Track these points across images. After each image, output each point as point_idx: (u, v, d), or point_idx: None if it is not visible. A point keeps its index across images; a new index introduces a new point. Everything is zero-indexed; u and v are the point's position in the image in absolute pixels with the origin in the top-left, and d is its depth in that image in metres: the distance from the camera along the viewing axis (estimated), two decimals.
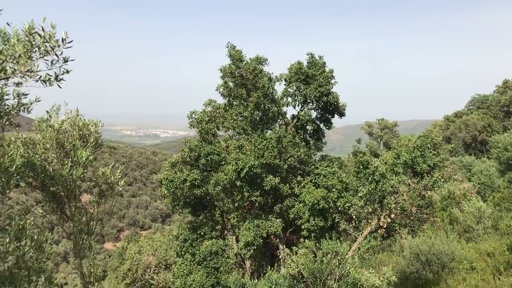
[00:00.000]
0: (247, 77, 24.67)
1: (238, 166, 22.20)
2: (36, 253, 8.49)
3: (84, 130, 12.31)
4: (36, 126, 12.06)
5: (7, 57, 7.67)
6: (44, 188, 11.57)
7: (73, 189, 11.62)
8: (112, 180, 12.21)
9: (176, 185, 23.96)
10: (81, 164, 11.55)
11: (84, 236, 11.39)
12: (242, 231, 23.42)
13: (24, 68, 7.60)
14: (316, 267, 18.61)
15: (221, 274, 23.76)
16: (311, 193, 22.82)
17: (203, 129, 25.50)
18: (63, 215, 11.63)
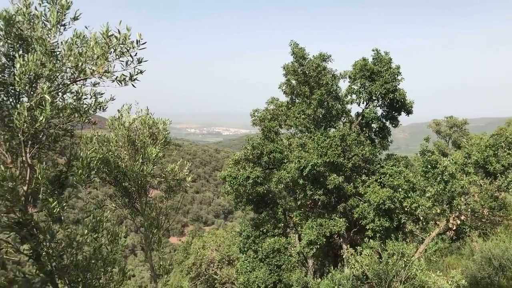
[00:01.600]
0: (310, 75, 24.49)
1: (301, 164, 22.12)
2: (111, 245, 8.93)
3: (153, 128, 12.81)
4: (109, 124, 12.69)
5: (86, 59, 8.13)
6: (117, 183, 12.17)
7: (144, 185, 12.13)
8: (180, 177, 12.62)
9: (239, 182, 24.28)
10: (151, 160, 12.03)
11: (153, 230, 11.86)
12: (305, 229, 23.33)
13: (102, 69, 8.02)
14: (381, 268, 18.18)
15: (283, 272, 23.83)
16: (376, 192, 22.29)
17: (265, 127, 25.63)
18: (134, 209, 12.17)
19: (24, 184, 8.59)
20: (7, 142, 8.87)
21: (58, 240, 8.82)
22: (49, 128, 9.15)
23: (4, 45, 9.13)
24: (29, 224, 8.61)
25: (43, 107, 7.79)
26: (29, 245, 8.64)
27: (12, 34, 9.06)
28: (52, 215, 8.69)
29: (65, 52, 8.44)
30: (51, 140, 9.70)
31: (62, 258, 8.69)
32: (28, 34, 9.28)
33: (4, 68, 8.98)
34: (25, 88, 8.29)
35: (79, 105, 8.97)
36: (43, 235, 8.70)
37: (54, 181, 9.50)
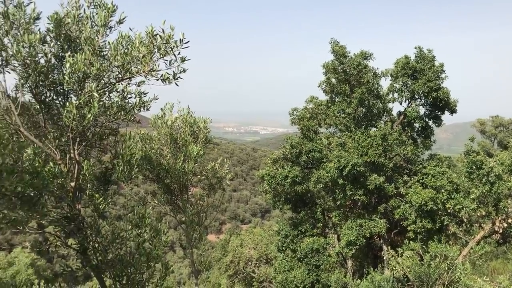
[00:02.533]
0: (351, 73, 24.17)
1: (341, 163, 21.86)
2: (154, 240, 9.11)
3: (194, 127, 12.98)
4: (152, 123, 12.96)
5: (132, 59, 8.32)
6: (159, 180, 12.41)
7: (185, 182, 12.32)
8: (221, 174, 12.74)
9: (277, 181, 24.24)
10: (192, 158, 12.19)
11: (194, 227, 12.03)
12: (344, 230, 23.06)
13: (147, 68, 8.19)
14: (423, 270, 17.74)
15: (322, 272, 23.64)
16: (418, 193, 21.76)
17: (304, 126, 25.48)
18: (175, 206, 12.38)
19: (72, 180, 8.89)
20: (56, 139, 9.21)
21: (103, 235, 9.08)
22: (95, 126, 9.43)
23: (54, 46, 9.48)
24: (77, 219, 8.90)
25: (91, 105, 8.03)
26: (76, 239, 8.93)
27: (61, 36, 9.39)
28: (98, 210, 8.95)
29: (112, 52, 8.66)
30: (97, 137, 9.99)
31: (107, 252, 8.94)
32: (76, 35, 9.60)
33: (54, 68, 9.32)
34: (73, 87, 8.57)
35: (124, 104, 9.20)
36: (90, 230, 8.97)
37: (99, 177, 9.79)
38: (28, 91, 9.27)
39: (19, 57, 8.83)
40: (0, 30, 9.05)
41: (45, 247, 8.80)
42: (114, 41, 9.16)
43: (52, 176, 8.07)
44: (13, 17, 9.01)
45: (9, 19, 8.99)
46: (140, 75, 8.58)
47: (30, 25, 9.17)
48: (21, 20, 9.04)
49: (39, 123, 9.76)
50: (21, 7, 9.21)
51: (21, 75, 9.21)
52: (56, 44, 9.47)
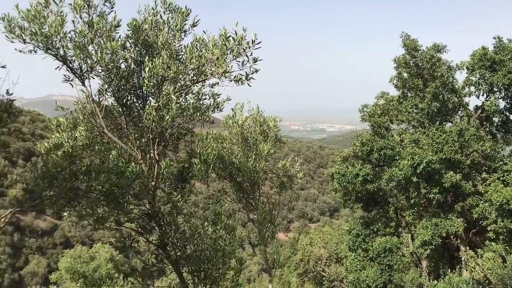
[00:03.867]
0: (424, 67, 23.32)
1: (414, 161, 21.16)
2: (229, 237, 9.34)
3: (264, 126, 13.14)
4: (223, 123, 13.29)
5: (206, 61, 8.59)
6: (231, 178, 12.70)
7: (256, 180, 12.51)
8: (292, 173, 12.80)
9: (347, 180, 23.91)
10: (263, 157, 12.36)
11: (267, 225, 12.19)
12: (419, 229, 22.31)
13: (221, 70, 8.41)
14: (507, 273, 16.76)
15: (395, 272, 23.01)
16: (499, 191, 20.56)
17: (375, 123, 24.92)
18: (247, 204, 12.61)
19: (152, 179, 9.33)
20: (137, 140, 9.70)
21: (181, 231, 9.44)
22: (173, 127, 9.82)
23: (133, 51, 9.99)
24: (157, 216, 9.33)
25: (169, 107, 8.38)
26: (157, 235, 9.37)
27: (140, 41, 9.88)
28: (176, 208, 9.33)
29: (187, 55, 8.98)
30: (174, 138, 10.41)
31: (186, 248, 9.29)
32: (154, 40, 10.06)
33: (133, 72, 9.83)
34: (152, 90, 8.99)
35: (199, 105, 9.51)
36: (169, 226, 9.37)
37: (177, 176, 10.19)
38: (111, 95, 9.85)
39: (103, 63, 9.40)
40: (85, 38, 9.68)
41: (129, 243, 9.31)
42: (189, 44, 9.50)
43: (134, 175, 8.52)
44: (97, 25, 9.61)
45: (93, 27, 9.60)
46: (214, 77, 8.83)
47: (112, 32, 9.73)
48: (103, 28, 9.62)
49: (121, 125, 10.33)
50: (103, 16, 9.80)
51: (104, 80, 9.81)
52: (135, 49, 9.97)
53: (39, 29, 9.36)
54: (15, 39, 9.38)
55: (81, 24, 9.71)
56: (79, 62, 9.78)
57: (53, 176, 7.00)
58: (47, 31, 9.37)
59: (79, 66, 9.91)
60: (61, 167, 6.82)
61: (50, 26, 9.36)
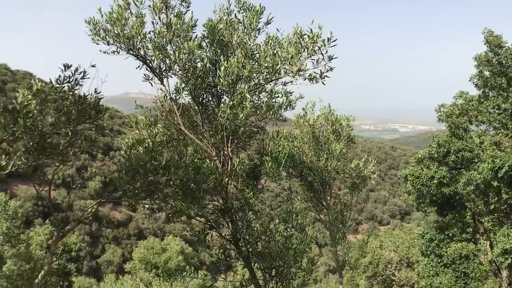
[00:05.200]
0: (508, 65, 21.86)
1: (495, 164, 19.91)
2: (300, 235, 9.33)
3: (336, 125, 12.97)
4: (294, 121, 13.28)
5: (281, 59, 8.62)
6: (302, 177, 12.67)
7: (328, 180, 12.38)
8: (365, 174, 12.54)
9: (422, 182, 22.97)
10: (335, 156, 12.21)
11: (338, 225, 12.04)
12: (499, 236, 20.97)
13: (295, 68, 8.41)
14: None
15: (471, 281, 21.83)
16: None
17: (453, 123, 23.71)
18: (319, 203, 12.51)
19: (226, 175, 9.53)
20: (212, 137, 9.96)
21: (253, 227, 9.57)
22: (246, 125, 9.97)
23: (209, 50, 10.25)
24: (229, 211, 9.52)
25: (243, 105, 8.50)
26: (230, 230, 9.56)
27: (215, 41, 10.12)
28: (248, 204, 9.46)
29: (262, 53, 9.06)
30: (246, 136, 10.56)
31: (257, 244, 9.40)
32: (228, 40, 10.25)
33: (209, 71, 10.09)
34: (227, 88, 9.17)
35: (272, 103, 9.57)
36: (241, 222, 9.53)
37: (249, 173, 10.33)
38: (187, 94, 10.18)
39: (180, 62, 9.73)
40: (164, 39, 10.08)
41: (203, 236, 9.58)
42: (262, 42, 9.58)
43: (209, 171, 8.76)
44: (175, 26, 9.97)
45: (171, 28, 9.96)
46: (288, 75, 8.84)
47: (188, 33, 10.05)
48: (180, 28, 9.96)
49: (196, 122, 10.66)
50: (180, 17, 10.13)
51: (181, 79, 10.16)
52: (210, 49, 10.22)
53: (121, 31, 9.86)
54: (100, 41, 9.96)
55: (160, 25, 10.13)
56: (158, 61, 10.21)
57: (136, 170, 7.36)
58: (128, 33, 9.85)
59: (157, 65, 10.34)
60: (143, 162, 7.15)
61: (132, 27, 9.83)
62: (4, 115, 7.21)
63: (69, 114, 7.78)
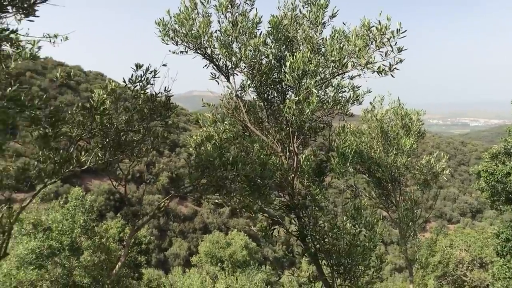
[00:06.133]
0: None
1: None
2: (369, 232, 9.14)
3: (406, 119, 12.55)
4: (362, 116, 13.00)
5: (348, 53, 8.47)
6: (370, 174, 12.38)
7: (397, 176, 12.02)
8: (437, 170, 12.05)
9: (497, 179, 21.73)
10: (405, 152, 11.82)
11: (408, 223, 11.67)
12: None
13: (363, 61, 8.23)
14: None
15: None
16: None
17: None
18: (388, 200, 12.19)
19: (291, 171, 9.52)
20: (277, 133, 9.98)
21: (320, 224, 9.49)
22: (312, 121, 9.89)
23: (274, 47, 10.27)
24: (296, 207, 9.51)
25: (310, 100, 8.44)
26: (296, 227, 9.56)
27: (280, 37, 10.11)
28: (315, 201, 9.39)
29: (328, 48, 8.95)
30: (312, 131, 10.49)
31: (324, 241, 9.32)
32: (293, 35, 10.21)
33: (274, 67, 10.11)
34: (292, 84, 9.13)
35: (339, 98, 9.43)
36: (308, 219, 9.49)
37: (315, 169, 10.25)
38: (253, 90, 10.27)
39: (246, 60, 9.83)
40: (230, 37, 10.22)
41: (270, 232, 9.64)
42: (328, 36, 9.46)
43: (275, 167, 8.79)
44: (240, 24, 10.08)
45: (236, 26, 10.08)
46: (355, 69, 8.67)
47: (253, 30, 10.11)
48: (245, 26, 10.05)
49: (261, 118, 10.73)
50: (245, 14, 10.22)
51: (247, 76, 10.26)
52: (275, 45, 10.23)
53: (189, 31, 10.12)
54: (169, 41, 10.29)
55: (226, 23, 10.28)
56: (224, 60, 10.37)
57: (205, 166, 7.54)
58: (195, 32, 10.10)
59: (224, 63, 10.51)
60: (212, 158, 7.31)
61: (199, 27, 10.06)
62: (82, 114, 7.62)
63: (142, 112, 8.10)
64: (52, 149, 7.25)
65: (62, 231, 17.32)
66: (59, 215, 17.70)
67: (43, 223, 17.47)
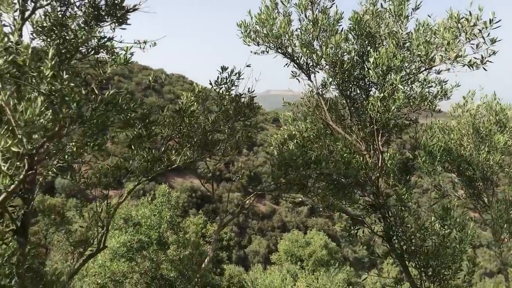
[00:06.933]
0: None
1: None
2: (459, 234, 8.70)
3: (500, 115, 11.79)
4: (451, 112, 12.40)
5: (435, 46, 8.12)
6: (460, 172, 11.77)
7: (490, 175, 11.33)
8: None
9: None
10: (499, 149, 11.11)
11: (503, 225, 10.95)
12: None
13: (453, 55, 7.84)
14: None
15: None
16: None
17: None
18: (479, 201, 11.53)
19: (376, 170, 9.30)
20: (360, 131, 9.80)
21: (407, 224, 9.19)
22: (397, 118, 9.60)
23: (356, 43, 10.09)
24: (381, 207, 9.28)
25: (395, 96, 8.20)
26: (382, 227, 9.33)
27: (362, 33, 9.91)
28: (401, 200, 9.11)
29: (414, 41, 8.64)
30: (397, 129, 10.18)
31: (412, 242, 9.02)
32: (376, 30, 9.97)
33: (356, 64, 9.94)
34: (376, 80, 8.92)
35: (426, 93, 9.08)
36: (394, 219, 9.23)
37: (401, 168, 9.94)
38: (335, 88, 10.18)
39: (327, 57, 9.76)
40: (310, 35, 10.20)
41: (354, 232, 9.50)
42: (412, 30, 9.12)
43: (359, 166, 8.64)
44: (321, 22, 10.03)
45: (317, 24, 10.04)
46: (444, 63, 8.28)
47: (334, 27, 10.02)
48: (326, 23, 9.98)
49: (343, 116, 10.59)
50: (325, 12, 10.15)
51: (328, 74, 10.18)
52: (357, 41, 10.05)
53: (270, 31, 10.25)
54: (250, 42, 10.49)
55: (306, 22, 10.27)
56: (305, 58, 10.37)
57: (288, 164, 7.60)
58: (276, 32, 10.20)
59: (304, 62, 10.51)
60: (295, 156, 7.35)
61: (279, 27, 10.16)
62: (173, 116, 8.02)
63: (227, 113, 8.36)
64: (145, 149, 7.70)
65: (150, 226, 18.27)
66: (148, 211, 18.69)
67: (133, 219, 18.53)
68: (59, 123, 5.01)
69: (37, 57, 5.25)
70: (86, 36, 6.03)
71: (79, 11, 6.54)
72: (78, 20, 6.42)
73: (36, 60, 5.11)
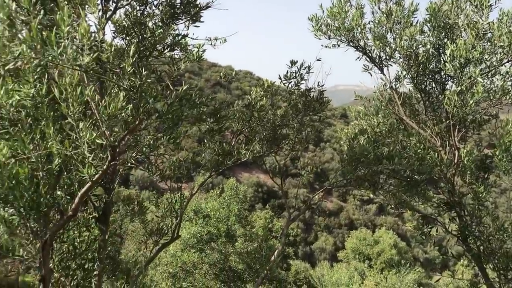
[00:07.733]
0: None
1: None
2: None
3: None
4: None
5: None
6: None
7: None
8: None
9: None
10: None
11: None
12: None
13: None
14: None
15: None
16: None
17: None
18: None
19: (452, 167, 8.92)
20: (436, 126, 9.44)
21: (485, 224, 8.75)
22: (475, 112, 9.15)
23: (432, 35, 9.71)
24: (457, 205, 8.89)
25: (474, 90, 7.82)
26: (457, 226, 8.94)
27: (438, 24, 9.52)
28: (479, 199, 8.68)
29: (496, 32, 8.17)
30: (475, 124, 9.69)
31: (489, 243, 8.57)
32: (454, 21, 9.52)
33: (432, 57, 9.57)
34: (453, 73, 8.54)
35: (508, 87, 8.55)
36: (470, 218, 8.81)
37: (478, 165, 9.46)
38: (409, 81, 9.86)
39: (401, 50, 9.48)
40: (384, 27, 9.95)
41: (428, 230, 9.19)
42: (495, 20, 8.62)
43: (433, 162, 8.33)
44: (395, 14, 9.75)
45: (391, 16, 9.77)
46: None
47: (409, 19, 9.70)
48: (400, 15, 9.69)
49: (418, 111, 10.25)
50: (399, 3, 9.86)
51: (402, 67, 9.89)
52: (433, 33, 9.67)
53: (342, 24, 10.12)
54: (321, 36, 10.43)
55: (379, 14, 10.03)
56: (378, 51, 10.13)
57: (359, 160, 7.49)
58: (348, 25, 10.06)
59: (377, 55, 10.28)
60: (366, 152, 7.23)
61: (351, 20, 10.00)
62: (242, 110, 8.17)
63: (296, 107, 8.38)
64: (216, 143, 7.92)
65: (219, 218, 18.72)
66: (217, 203, 19.16)
67: (203, 211, 19.07)
68: (138, 117, 5.27)
69: (119, 54, 5.56)
70: (163, 34, 6.27)
71: (157, 10, 6.82)
72: (155, 19, 6.69)
73: (118, 57, 5.41)
